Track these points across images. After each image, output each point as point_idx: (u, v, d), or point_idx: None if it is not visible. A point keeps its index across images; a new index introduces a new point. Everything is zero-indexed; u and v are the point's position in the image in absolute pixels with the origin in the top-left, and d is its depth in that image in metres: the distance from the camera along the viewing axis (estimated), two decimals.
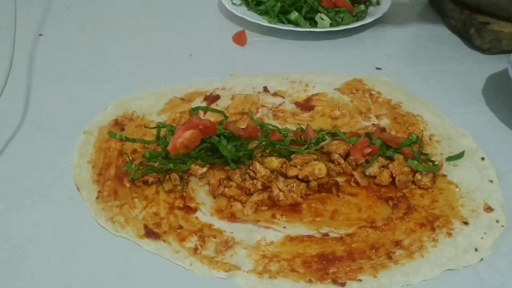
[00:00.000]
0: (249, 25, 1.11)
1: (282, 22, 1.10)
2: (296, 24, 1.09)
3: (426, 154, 0.78)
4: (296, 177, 0.73)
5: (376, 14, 1.13)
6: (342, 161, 0.75)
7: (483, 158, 0.78)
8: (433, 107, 0.89)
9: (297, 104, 0.89)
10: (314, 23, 1.09)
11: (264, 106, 0.88)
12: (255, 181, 0.72)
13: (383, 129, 0.82)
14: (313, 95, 0.91)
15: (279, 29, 1.09)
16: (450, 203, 0.72)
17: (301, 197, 0.71)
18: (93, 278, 0.63)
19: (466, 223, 0.69)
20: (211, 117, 0.85)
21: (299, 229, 0.68)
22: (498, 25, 1.01)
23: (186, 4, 1.23)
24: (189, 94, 0.91)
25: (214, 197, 0.72)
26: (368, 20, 1.11)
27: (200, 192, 0.73)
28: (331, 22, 1.08)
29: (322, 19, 1.08)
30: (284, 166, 0.74)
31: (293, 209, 0.70)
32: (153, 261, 0.65)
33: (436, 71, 1.00)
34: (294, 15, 1.08)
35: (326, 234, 0.68)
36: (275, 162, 0.74)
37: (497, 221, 0.69)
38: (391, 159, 0.75)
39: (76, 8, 1.21)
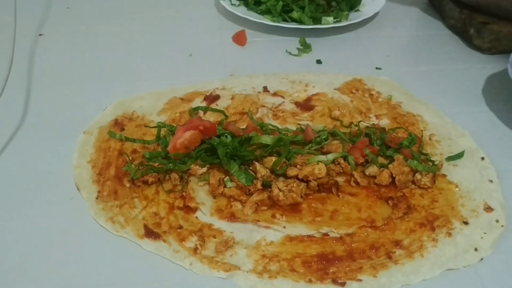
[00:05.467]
0: (249, 25, 1.11)
1: (285, 20, 1.10)
2: (299, 22, 1.09)
3: (426, 154, 0.78)
4: (296, 177, 0.73)
5: (375, 9, 1.14)
6: (342, 161, 0.75)
7: (483, 158, 0.78)
8: (433, 107, 0.89)
9: (297, 104, 0.89)
10: (317, 21, 1.09)
11: (264, 106, 0.88)
12: (255, 181, 0.72)
13: (383, 129, 0.82)
14: (313, 95, 0.91)
15: (280, 28, 1.09)
16: (450, 203, 0.72)
17: (301, 197, 0.71)
18: (93, 278, 0.63)
19: (466, 223, 0.69)
20: (211, 117, 0.86)
21: (299, 229, 0.68)
22: (498, 25, 1.01)
23: (186, 4, 1.23)
24: (189, 94, 0.91)
25: (214, 197, 0.72)
26: (369, 14, 1.12)
27: (200, 192, 0.73)
28: (334, 19, 1.09)
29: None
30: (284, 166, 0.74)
31: (293, 209, 0.70)
32: (153, 261, 0.65)
33: (436, 71, 1.00)
34: (297, 13, 1.09)
35: (326, 234, 0.68)
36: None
37: (497, 221, 0.69)
38: (391, 159, 0.75)
39: (76, 8, 1.21)
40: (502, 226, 0.69)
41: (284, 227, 0.68)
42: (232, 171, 0.72)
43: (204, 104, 0.89)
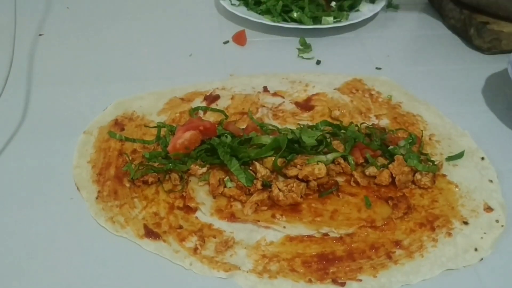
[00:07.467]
0: (249, 25, 1.11)
1: (285, 20, 1.10)
2: (299, 22, 1.09)
3: (426, 154, 0.78)
4: (296, 177, 0.73)
5: (375, 9, 1.15)
6: (342, 161, 0.75)
7: (483, 158, 0.78)
8: (433, 107, 0.89)
9: (297, 104, 0.89)
10: (317, 21, 1.09)
11: (264, 106, 0.88)
12: (255, 181, 0.72)
13: (383, 129, 0.82)
14: (313, 95, 0.91)
15: (279, 28, 1.09)
16: (450, 203, 0.72)
17: (301, 197, 0.71)
18: (93, 278, 0.63)
19: (466, 223, 0.69)
20: (211, 117, 0.86)
21: (299, 229, 0.68)
22: (498, 25, 1.01)
23: (186, 4, 1.23)
24: (189, 94, 0.91)
25: (214, 197, 0.72)
26: (369, 14, 1.12)
27: (200, 192, 0.73)
28: (334, 19, 1.09)
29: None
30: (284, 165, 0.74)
31: (293, 209, 0.70)
32: (153, 261, 0.65)
33: (436, 71, 1.00)
34: (297, 13, 1.09)
35: (326, 234, 0.68)
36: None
37: (497, 221, 0.69)
38: (391, 158, 0.75)
39: (76, 8, 1.21)
40: (502, 226, 0.69)
41: (284, 227, 0.68)
42: (233, 168, 0.72)
43: (204, 104, 0.89)
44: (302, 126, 0.81)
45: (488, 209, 0.71)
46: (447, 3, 1.12)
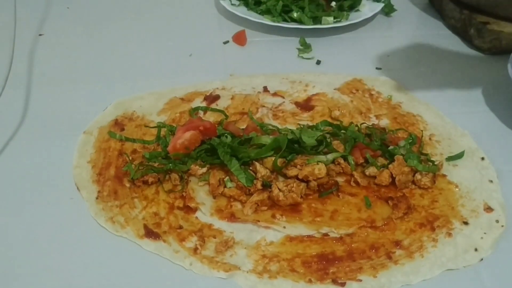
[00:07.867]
0: (249, 25, 1.11)
1: (285, 20, 1.10)
2: (299, 22, 1.09)
3: (426, 154, 0.78)
4: (296, 177, 0.73)
5: (375, 9, 1.15)
6: (342, 161, 0.75)
7: (483, 158, 0.78)
8: (433, 107, 0.89)
9: (297, 104, 0.89)
10: (317, 21, 1.10)
11: (264, 106, 0.88)
12: (255, 181, 0.72)
13: (383, 129, 0.82)
14: (313, 95, 0.91)
15: (279, 28, 1.09)
16: (450, 203, 0.72)
17: (301, 197, 0.71)
18: (93, 278, 0.63)
19: (466, 223, 0.69)
20: (211, 117, 0.86)
21: (299, 229, 0.68)
22: (498, 25, 1.01)
23: (186, 4, 1.23)
24: (189, 94, 0.91)
25: (214, 197, 0.72)
26: (369, 14, 1.13)
27: (200, 192, 0.73)
28: (334, 19, 1.09)
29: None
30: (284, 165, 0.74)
31: (293, 209, 0.70)
32: (153, 261, 0.65)
33: (436, 71, 1.00)
34: (297, 13, 1.09)
35: (326, 234, 0.68)
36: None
37: (497, 221, 0.69)
38: (391, 158, 0.75)
39: (76, 8, 1.21)
40: (502, 226, 0.69)
41: (284, 227, 0.68)
42: (233, 169, 0.72)
43: (204, 104, 0.89)
44: (302, 126, 0.81)
45: (488, 209, 0.71)
46: (447, 3, 1.12)
